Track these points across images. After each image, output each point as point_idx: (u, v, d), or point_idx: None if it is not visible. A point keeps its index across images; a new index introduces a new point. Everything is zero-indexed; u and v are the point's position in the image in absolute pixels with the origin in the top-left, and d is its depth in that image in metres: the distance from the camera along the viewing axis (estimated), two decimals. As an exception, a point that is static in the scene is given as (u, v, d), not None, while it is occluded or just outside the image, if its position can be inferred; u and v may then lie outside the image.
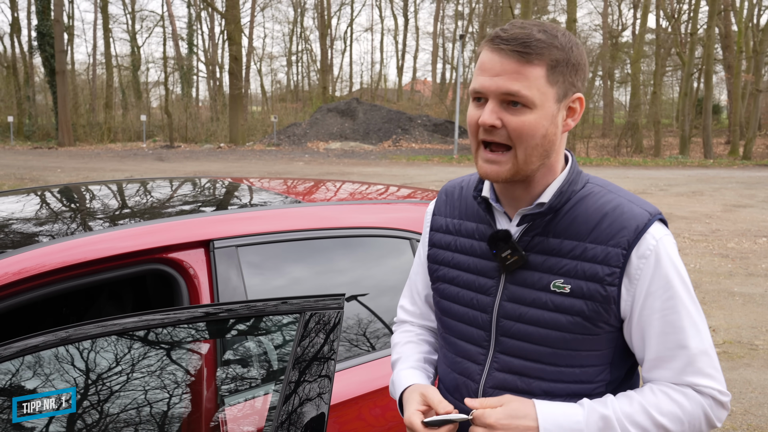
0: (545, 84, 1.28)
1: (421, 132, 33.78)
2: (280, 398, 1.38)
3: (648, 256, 1.29)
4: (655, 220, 1.32)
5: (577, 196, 1.36)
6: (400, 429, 2.09)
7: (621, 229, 1.30)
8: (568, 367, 1.34)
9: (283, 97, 49.46)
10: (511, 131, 1.29)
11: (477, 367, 1.43)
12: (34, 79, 41.99)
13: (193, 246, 1.94)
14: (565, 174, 1.38)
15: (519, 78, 1.26)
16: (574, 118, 1.35)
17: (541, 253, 1.35)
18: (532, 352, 1.36)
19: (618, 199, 1.35)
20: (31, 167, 21.10)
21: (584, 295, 1.30)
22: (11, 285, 1.69)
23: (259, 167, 22.38)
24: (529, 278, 1.36)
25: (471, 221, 1.48)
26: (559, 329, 1.33)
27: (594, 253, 1.30)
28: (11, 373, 1.30)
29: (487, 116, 1.29)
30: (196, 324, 1.45)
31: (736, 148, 31.33)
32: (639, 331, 1.32)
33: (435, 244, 1.54)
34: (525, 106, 1.27)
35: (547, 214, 1.35)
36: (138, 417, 1.41)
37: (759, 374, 5.13)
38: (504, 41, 1.27)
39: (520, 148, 1.29)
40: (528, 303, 1.35)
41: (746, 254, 9.58)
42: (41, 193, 2.64)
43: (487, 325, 1.41)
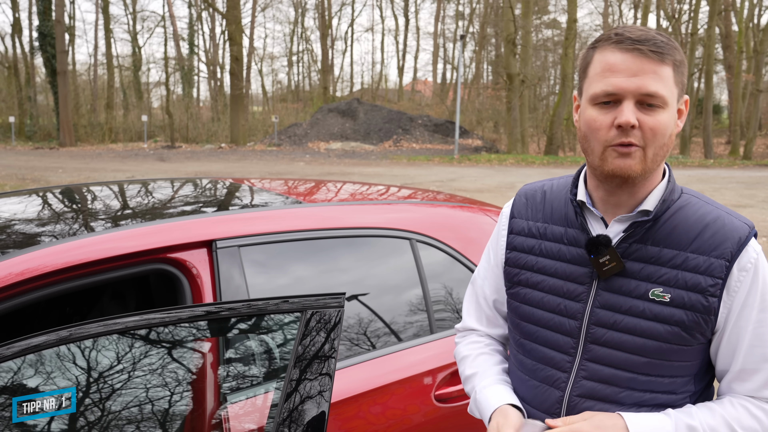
0: (673, 84, 1.30)
1: (422, 132, 33.79)
2: (281, 396, 1.40)
3: (749, 269, 1.30)
4: (753, 233, 1.33)
5: (675, 206, 1.36)
6: (401, 427, 2.11)
7: (724, 241, 1.30)
8: (660, 377, 1.34)
9: (284, 98, 49.47)
10: (647, 131, 1.28)
11: (562, 375, 1.41)
12: (36, 79, 42.02)
13: (196, 246, 1.96)
14: (665, 182, 1.38)
15: (657, 78, 1.27)
16: (682, 119, 1.37)
17: (640, 261, 1.34)
18: (624, 361, 1.34)
19: (717, 211, 1.35)
20: (32, 167, 21.12)
21: (685, 305, 1.30)
22: (15, 285, 1.71)
23: (260, 167, 22.39)
24: (625, 285, 1.34)
25: (559, 225, 1.45)
26: (657, 339, 1.32)
27: (696, 263, 1.30)
28: (13, 372, 1.32)
29: (629, 115, 1.27)
30: (198, 323, 1.47)
31: (736, 148, 31.34)
32: (729, 343, 1.32)
33: (516, 248, 1.51)
34: (659, 107, 1.29)
35: (650, 221, 1.35)
36: (140, 415, 1.43)
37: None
38: (637, 41, 1.27)
39: (650, 147, 1.30)
40: (624, 311, 1.34)
41: (746, 254, 9.58)
42: (43, 193, 2.66)
43: (575, 332, 1.39)
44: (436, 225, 2.42)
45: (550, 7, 41.14)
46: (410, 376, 2.14)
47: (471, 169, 22.89)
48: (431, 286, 2.31)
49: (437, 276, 2.34)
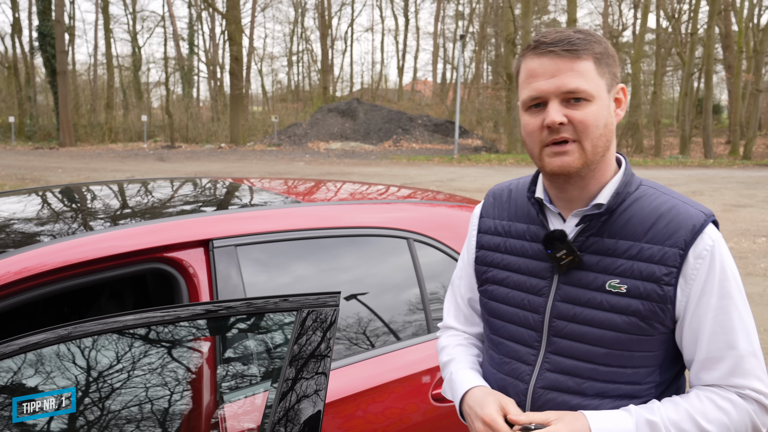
0: (596, 76, 1.33)
1: (422, 132, 33.79)
2: (276, 395, 1.40)
3: (704, 256, 1.30)
4: (710, 221, 1.34)
5: (631, 197, 1.38)
6: (399, 426, 2.11)
7: (678, 229, 1.31)
8: (621, 367, 1.35)
9: (283, 98, 49.49)
10: (577, 124, 1.32)
11: (527, 368, 1.43)
12: (35, 79, 42.03)
13: (193, 245, 1.96)
14: (620, 175, 1.40)
15: (575, 75, 1.32)
16: (622, 107, 1.40)
17: (596, 254, 1.36)
18: (585, 352, 1.36)
19: (673, 201, 1.36)
20: (32, 167, 21.12)
21: (641, 295, 1.31)
22: (12, 284, 1.72)
23: (260, 167, 22.39)
24: (583, 278, 1.37)
25: (521, 222, 1.49)
26: (615, 329, 1.33)
27: (650, 252, 1.32)
28: (12, 371, 1.32)
29: (554, 115, 1.32)
30: (197, 321, 1.47)
31: (736, 147, 31.35)
32: (691, 331, 1.33)
33: (483, 246, 1.55)
34: (585, 100, 1.32)
35: (604, 214, 1.36)
36: (138, 414, 1.43)
37: (757, 373, 5.14)
38: (551, 44, 1.33)
39: (586, 140, 1.33)
40: (582, 303, 1.36)
41: (745, 254, 9.59)
42: (42, 193, 2.66)
43: (538, 326, 1.42)
44: (434, 224, 2.42)
45: (550, 7, 41.18)
46: (408, 375, 2.14)
47: (471, 169, 22.90)
48: (429, 285, 2.31)
49: (435, 275, 2.34)
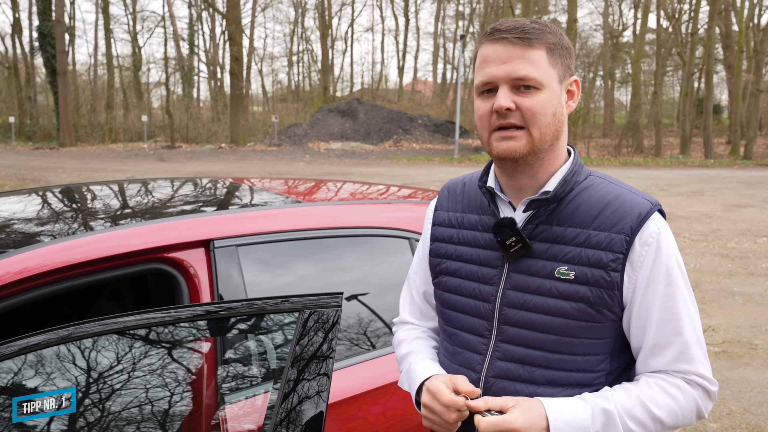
0: (548, 65, 1.35)
1: (422, 132, 33.79)
2: (278, 396, 1.39)
3: (650, 243, 1.32)
4: (656, 209, 1.36)
5: (580, 186, 1.40)
6: (400, 427, 2.10)
7: (624, 216, 1.33)
8: (571, 354, 1.36)
9: (284, 98, 49.49)
10: (525, 111, 1.34)
11: (478, 357, 1.45)
12: (36, 79, 42.04)
13: (194, 246, 1.95)
14: (568, 165, 1.43)
15: (526, 62, 1.33)
16: (574, 99, 1.42)
17: (545, 241, 1.38)
18: (535, 339, 1.38)
19: (620, 189, 1.39)
20: (32, 168, 21.13)
21: (588, 281, 1.33)
22: (13, 284, 1.71)
23: (260, 167, 22.39)
24: (533, 266, 1.38)
25: (474, 213, 1.51)
26: (564, 316, 1.35)
27: (598, 239, 1.33)
28: (13, 372, 1.32)
29: (502, 100, 1.34)
30: (197, 322, 1.47)
31: (736, 147, 31.33)
32: (638, 318, 1.35)
33: (437, 238, 1.57)
34: (535, 88, 1.34)
35: (552, 202, 1.39)
36: (139, 415, 1.42)
37: (758, 373, 5.14)
38: (504, 31, 1.35)
39: (534, 127, 1.35)
40: (532, 290, 1.38)
41: (746, 254, 9.59)
42: (42, 193, 2.66)
43: (489, 315, 1.43)
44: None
45: (550, 7, 41.16)
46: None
47: (471, 169, 22.89)
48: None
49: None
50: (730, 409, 4.51)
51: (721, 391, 4.80)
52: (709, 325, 6.34)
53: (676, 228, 11.55)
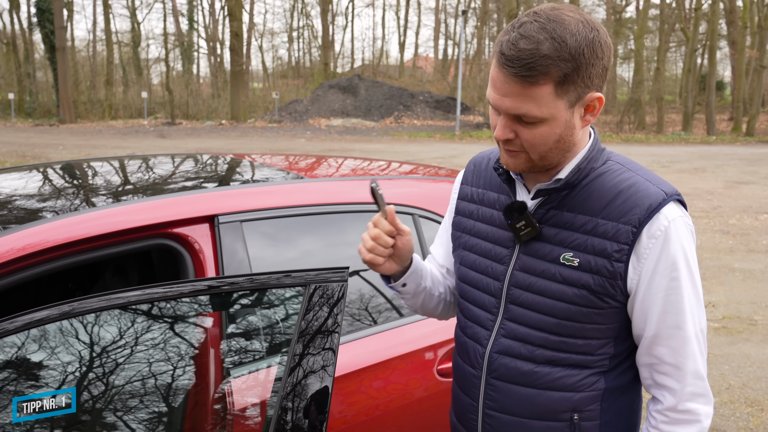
0: (554, 99, 1.25)
1: (423, 109, 33.63)
2: (285, 371, 1.40)
3: (658, 236, 1.30)
4: (671, 200, 1.32)
5: (595, 173, 1.37)
6: (401, 401, 2.12)
7: (633, 207, 1.31)
8: (571, 338, 1.37)
9: (284, 74, 49.19)
10: (524, 142, 1.32)
11: (485, 332, 1.47)
12: (35, 55, 41.77)
13: (198, 221, 1.95)
14: (584, 152, 1.39)
15: (525, 100, 1.25)
16: (594, 113, 1.34)
17: (555, 226, 1.38)
18: (537, 321, 1.39)
19: (635, 178, 1.35)
20: (32, 144, 21.08)
21: (591, 270, 1.32)
22: (17, 260, 1.71)
23: (261, 144, 22.33)
24: (541, 250, 1.39)
25: (494, 191, 1.51)
26: (566, 301, 1.35)
27: (605, 228, 1.32)
28: (17, 347, 1.33)
29: (500, 132, 1.32)
30: (199, 297, 1.47)
31: (739, 124, 31.21)
32: (641, 309, 1.34)
33: (460, 212, 1.59)
34: (535, 122, 1.28)
35: (563, 189, 1.37)
36: (143, 390, 1.44)
37: (758, 349, 5.17)
38: (508, 61, 1.23)
39: (533, 153, 1.33)
40: (538, 273, 1.39)
41: (747, 230, 9.59)
42: (44, 169, 2.65)
43: (498, 293, 1.45)
44: (437, 200, 2.41)
45: (553, -18, 40.68)
46: (412, 351, 2.15)
47: (472, 145, 22.82)
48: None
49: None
50: (729, 384, 4.54)
51: (721, 366, 4.84)
52: (710, 301, 6.36)
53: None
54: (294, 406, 1.40)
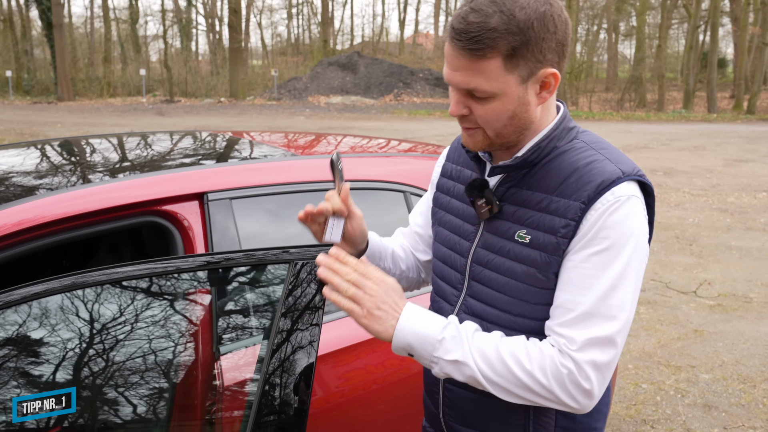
0: (503, 73, 1.24)
1: (423, 86, 33.47)
2: (270, 346, 1.41)
3: (598, 209, 1.26)
4: (628, 179, 1.28)
5: (557, 151, 1.35)
6: (398, 375, 2.14)
7: (586, 184, 1.28)
8: (521, 317, 1.36)
9: (283, 51, 48.88)
10: (478, 118, 1.31)
11: (450, 307, 1.49)
12: (32, 32, 41.48)
13: (188, 198, 1.96)
14: (547, 130, 1.37)
15: (475, 74, 1.24)
16: (549, 90, 1.31)
17: (514, 204, 1.37)
18: (492, 297, 1.40)
19: (595, 156, 1.32)
20: (30, 122, 21.01)
21: (540, 246, 1.31)
22: (10, 236, 1.72)
23: (260, 122, 22.26)
24: (500, 227, 1.39)
25: (468, 169, 1.52)
26: (515, 278, 1.35)
27: (557, 206, 1.30)
28: (17, 324, 1.34)
29: (453, 108, 1.31)
30: (196, 272, 1.48)
31: (740, 102, 31.07)
32: (561, 277, 1.30)
33: (440, 189, 1.60)
34: (488, 97, 1.27)
35: (522, 167, 1.36)
36: (138, 364, 1.45)
37: (752, 326, 5.20)
38: (457, 35, 1.23)
39: (488, 129, 1.32)
40: (495, 251, 1.39)
41: (745, 209, 9.60)
42: (39, 146, 2.65)
43: (462, 269, 1.46)
44: (427, 177, 2.41)
45: (555, -42, 40.23)
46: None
47: (472, 123, 22.72)
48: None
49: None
50: (723, 361, 4.58)
51: (714, 343, 4.87)
52: (706, 278, 6.39)
53: (675, 183, 11.55)
54: (282, 381, 1.42)
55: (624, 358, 4.63)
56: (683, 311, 5.54)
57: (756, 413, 3.88)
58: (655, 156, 14.89)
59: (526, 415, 1.41)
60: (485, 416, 1.45)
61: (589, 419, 1.44)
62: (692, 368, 4.48)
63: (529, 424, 1.41)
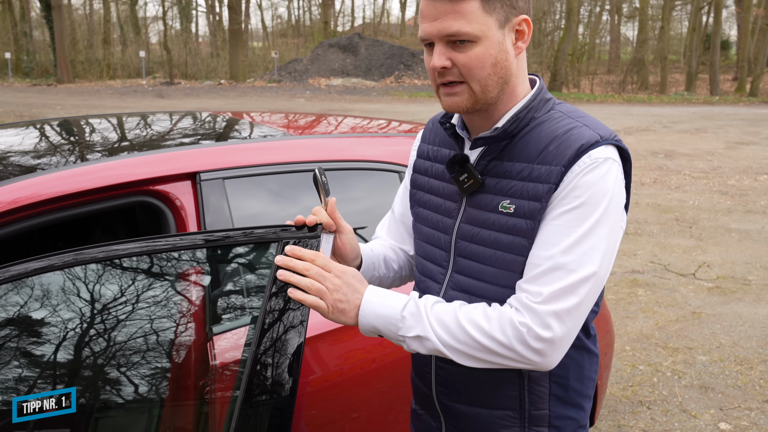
0: (482, 15, 1.29)
1: (424, 68, 33.28)
2: (260, 326, 1.41)
3: (575, 170, 1.28)
4: (605, 143, 1.30)
5: (536, 122, 1.38)
6: (397, 354, 2.15)
7: (566, 149, 1.30)
8: (509, 288, 1.36)
9: (283, 33, 48.63)
10: (461, 67, 1.32)
11: (436, 286, 1.49)
12: (30, 14, 41.24)
13: (180, 178, 1.95)
14: (525, 100, 1.39)
15: (456, 17, 1.28)
16: (524, 40, 1.36)
17: (496, 177, 1.38)
18: (479, 271, 1.40)
19: (574, 123, 1.35)
20: (30, 104, 20.96)
21: (525, 214, 1.32)
22: (5, 214, 1.72)
23: (260, 104, 22.19)
24: (483, 200, 1.40)
25: (446, 147, 1.52)
26: (502, 249, 1.36)
27: (539, 173, 1.32)
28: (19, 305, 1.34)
29: (436, 60, 1.32)
30: (192, 251, 1.48)
31: (743, 84, 30.90)
32: (536, 237, 1.32)
33: (417, 170, 1.60)
34: (469, 41, 1.30)
35: (502, 138, 1.38)
36: (134, 342, 1.45)
37: (750, 308, 5.21)
38: None
39: (473, 81, 1.33)
40: (480, 224, 1.40)
41: (746, 191, 9.58)
42: (37, 126, 2.64)
43: (447, 246, 1.47)
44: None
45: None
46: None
47: (473, 105, 22.64)
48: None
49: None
50: (720, 343, 4.59)
51: (712, 325, 4.88)
52: (705, 261, 6.39)
53: (676, 165, 11.52)
54: (273, 362, 1.42)
55: (621, 339, 4.64)
56: (682, 293, 5.54)
57: (752, 395, 3.89)
58: (656, 138, 14.85)
59: (521, 386, 1.42)
60: (479, 391, 1.46)
61: (581, 386, 1.47)
62: (689, 350, 4.49)
63: (524, 394, 1.43)
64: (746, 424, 3.58)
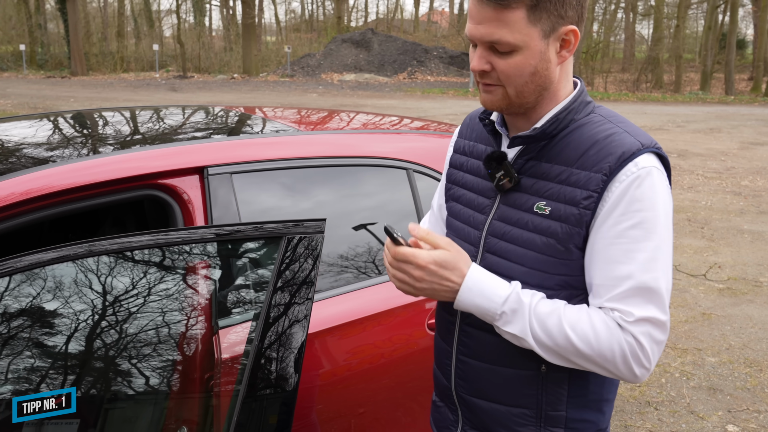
0: (527, 25, 1.27)
1: (437, 64, 33.22)
2: (264, 321, 1.42)
3: (623, 181, 1.28)
4: (647, 151, 1.31)
5: (575, 124, 1.37)
6: (405, 350, 2.15)
7: (607, 156, 1.30)
8: (539, 287, 1.37)
9: (297, 27, 48.63)
10: (500, 73, 1.32)
11: None
12: (45, 6, 41.45)
13: (187, 173, 1.96)
14: (566, 102, 1.39)
15: (499, 25, 1.27)
16: (569, 49, 1.34)
17: (533, 177, 1.38)
18: (508, 269, 1.40)
19: (614, 129, 1.34)
20: (44, 96, 21.09)
21: (560, 218, 1.33)
22: (17, 205, 1.74)
23: (273, 98, 22.22)
24: (518, 199, 1.40)
25: (483, 143, 1.53)
26: (534, 249, 1.36)
27: (578, 178, 1.32)
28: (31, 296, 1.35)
29: (476, 63, 1.32)
30: (203, 245, 1.49)
31: (758, 84, 30.60)
32: (590, 254, 1.32)
33: (453, 165, 1.61)
34: (511, 51, 1.29)
35: (541, 139, 1.37)
36: (145, 334, 1.46)
37: (761, 310, 5.17)
38: None
39: (509, 87, 1.33)
40: (512, 222, 1.40)
41: (759, 192, 9.50)
42: (50, 118, 2.66)
43: (477, 241, 1.47)
44: (436, 156, 2.40)
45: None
46: (408, 303, 2.17)
47: (485, 102, 22.56)
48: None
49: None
50: (730, 344, 4.56)
51: (722, 327, 4.85)
52: (716, 262, 6.35)
53: (690, 165, 11.44)
54: (278, 356, 1.43)
55: (630, 339, 4.62)
56: (692, 294, 5.51)
57: (761, 397, 3.87)
58: (669, 138, 14.74)
59: (539, 386, 1.42)
60: (498, 387, 1.46)
61: (601, 389, 1.46)
62: (699, 351, 4.46)
63: (542, 394, 1.43)
64: (754, 427, 3.56)
